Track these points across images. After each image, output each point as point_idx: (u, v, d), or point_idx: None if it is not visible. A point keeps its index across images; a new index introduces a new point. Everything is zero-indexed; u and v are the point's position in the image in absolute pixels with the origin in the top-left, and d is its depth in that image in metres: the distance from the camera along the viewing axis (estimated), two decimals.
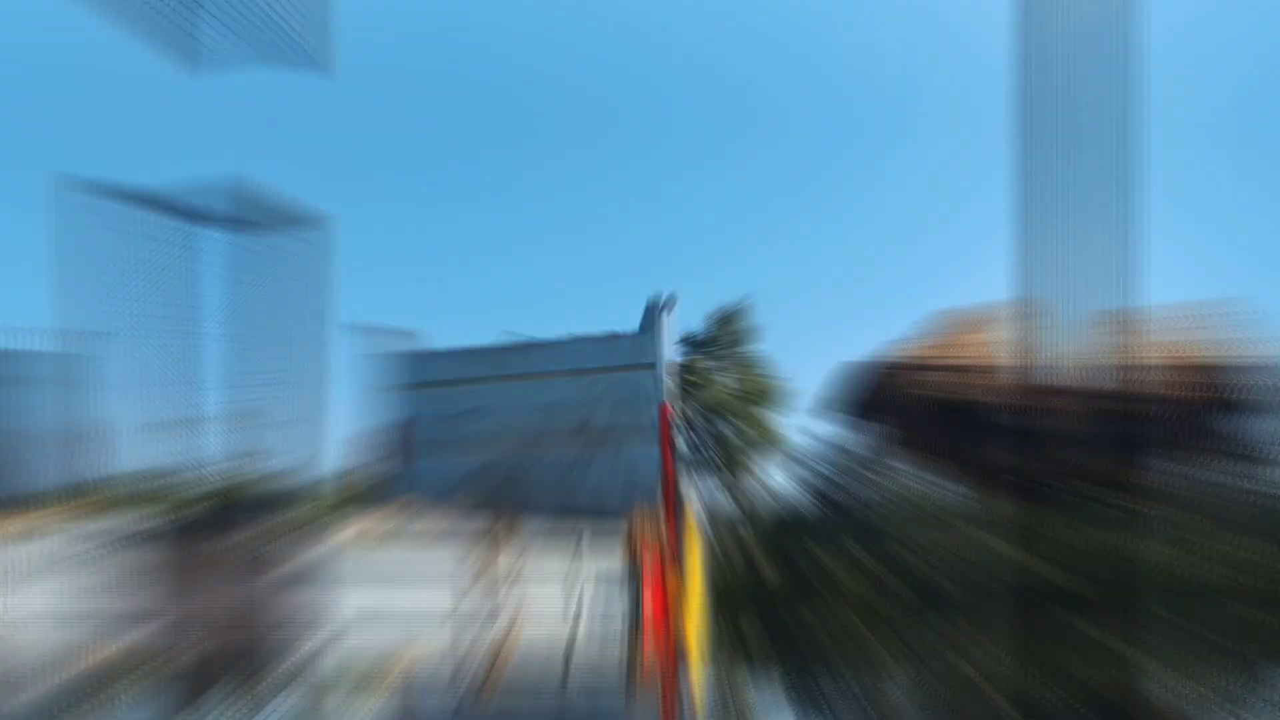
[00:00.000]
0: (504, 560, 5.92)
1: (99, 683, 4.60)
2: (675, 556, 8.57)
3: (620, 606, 7.69)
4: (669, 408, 9.30)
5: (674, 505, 8.96)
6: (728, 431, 35.05)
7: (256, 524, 4.57)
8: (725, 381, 33.92)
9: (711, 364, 34.19)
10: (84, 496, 5.27)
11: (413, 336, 9.98)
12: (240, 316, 5.02)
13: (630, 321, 10.27)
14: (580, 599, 7.14)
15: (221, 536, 4.72)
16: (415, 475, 9.53)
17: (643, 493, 8.97)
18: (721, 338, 34.74)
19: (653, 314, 9.73)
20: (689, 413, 10.20)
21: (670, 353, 10.04)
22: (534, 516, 7.14)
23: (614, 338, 9.69)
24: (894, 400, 6.36)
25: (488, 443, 9.44)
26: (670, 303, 9.66)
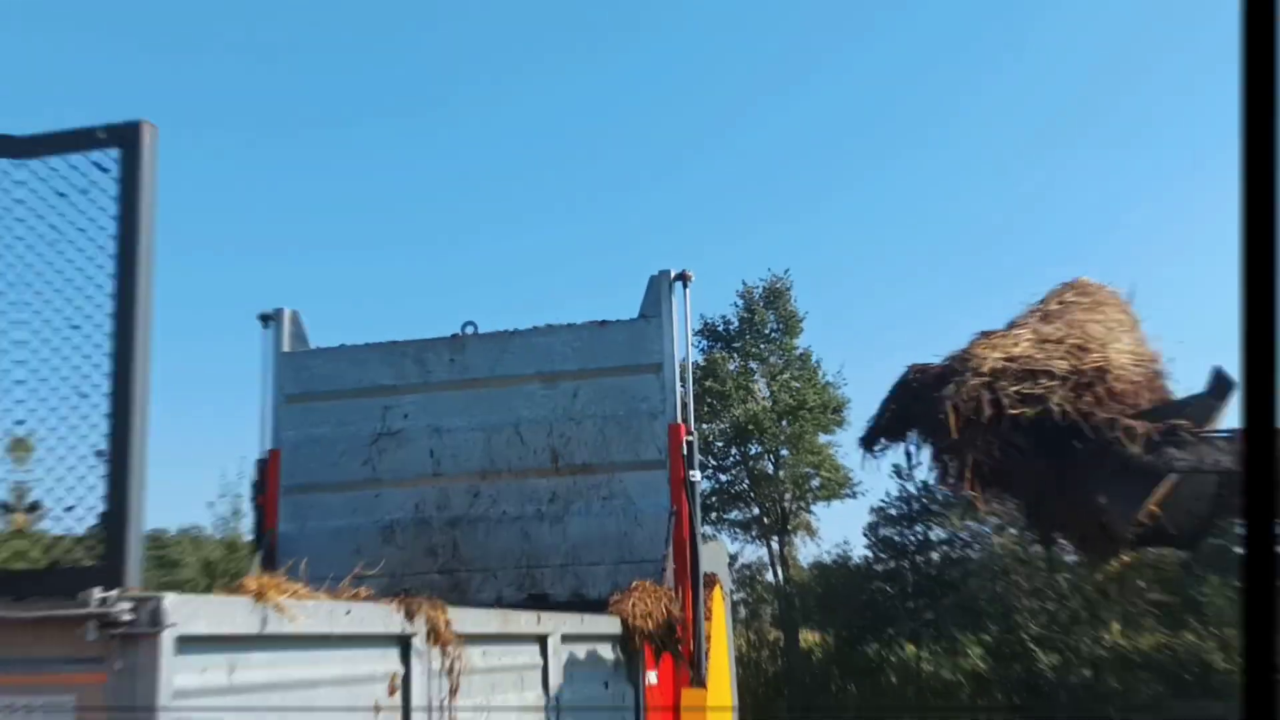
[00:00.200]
0: (424, 690, 4.60)
1: None
2: (694, 663, 7.50)
3: None
4: (683, 429, 7.93)
5: (692, 580, 7.62)
6: (767, 463, 34.29)
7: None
8: (761, 389, 33.08)
9: (741, 364, 33.35)
10: None
11: (290, 322, 8.61)
12: None
13: (627, 304, 8.89)
14: None
15: None
16: (286, 539, 8.22)
17: (645, 561, 7.62)
18: (756, 328, 33.99)
19: (659, 292, 8.30)
20: (712, 436, 8.76)
21: (685, 348, 8.65)
22: (476, 607, 5.84)
23: (602, 327, 8.26)
24: (972, 424, 5.42)
25: (404, 486, 8.16)
26: (684, 278, 8.35)
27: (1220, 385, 5.60)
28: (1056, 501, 6.01)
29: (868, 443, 6.09)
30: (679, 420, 7.97)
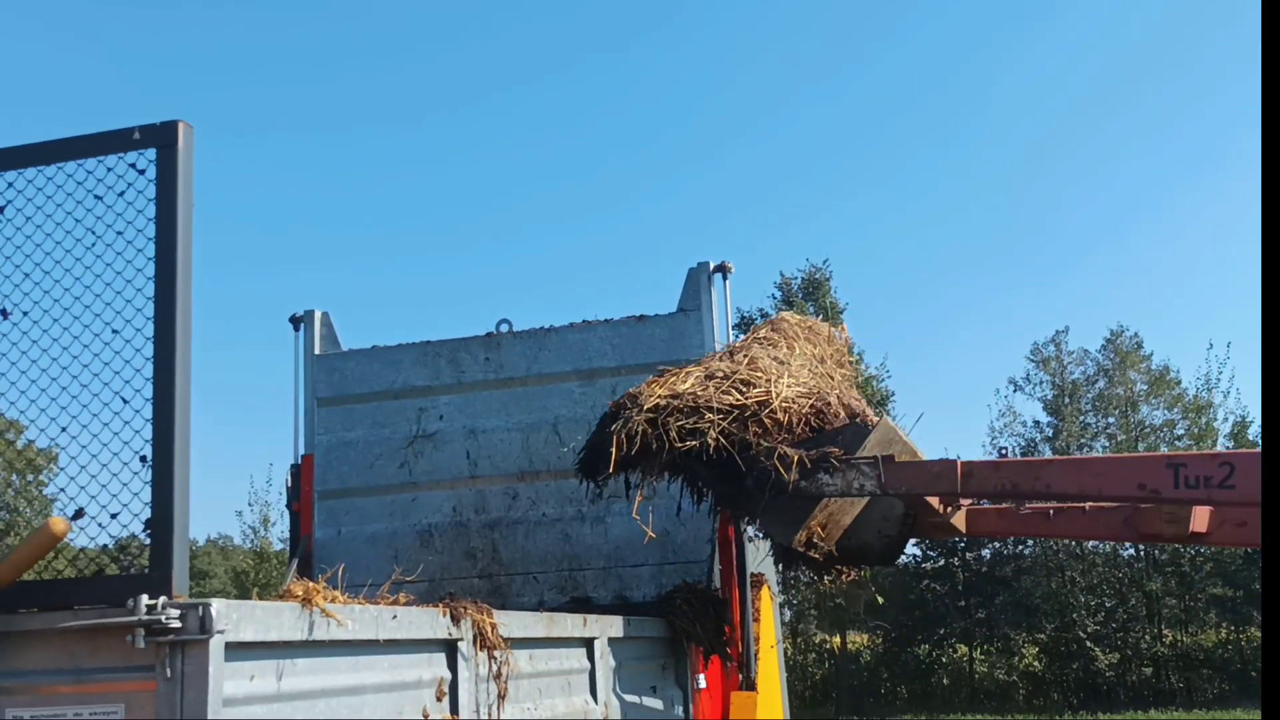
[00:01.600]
0: (471, 695, 4.64)
1: None
2: (744, 665, 7.51)
3: None
4: None
5: (739, 580, 7.62)
6: None
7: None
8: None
9: None
10: None
11: (321, 324, 8.65)
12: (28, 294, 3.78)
13: (665, 299, 8.90)
14: None
15: None
16: (322, 545, 8.27)
17: (690, 562, 7.62)
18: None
19: (698, 285, 8.30)
20: None
21: (726, 341, 8.66)
22: (518, 611, 5.87)
23: (641, 321, 8.26)
24: (648, 454, 6.22)
25: (441, 489, 8.19)
26: (724, 269, 8.34)
27: (858, 415, 6.41)
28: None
29: (587, 472, 6.59)
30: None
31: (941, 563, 34.45)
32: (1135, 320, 63.99)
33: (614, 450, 6.12)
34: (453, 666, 4.51)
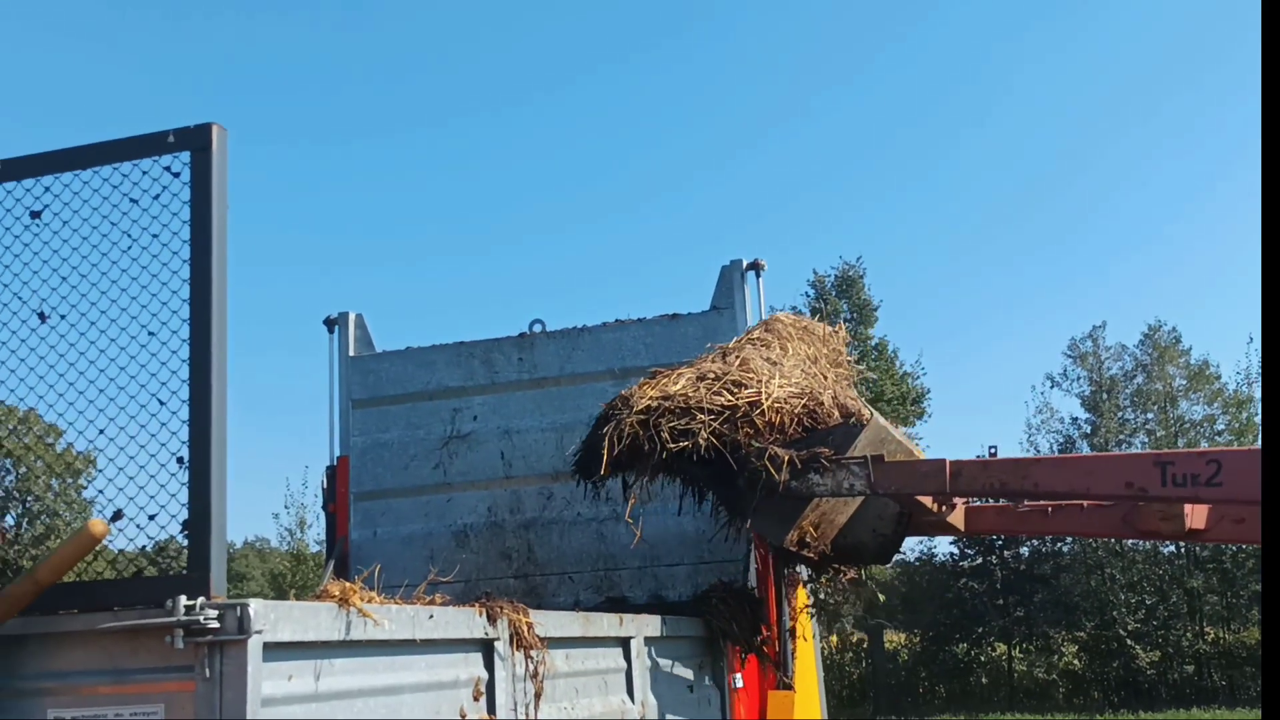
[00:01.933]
0: (508, 695, 4.64)
1: None
2: (781, 665, 7.47)
3: None
4: None
5: (775, 579, 7.59)
6: None
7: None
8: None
9: None
10: None
11: (355, 326, 8.68)
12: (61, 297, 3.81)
13: (698, 297, 8.88)
14: None
15: None
16: (358, 546, 8.30)
17: (726, 561, 7.61)
18: (828, 318, 33.83)
19: (730, 283, 8.28)
20: None
21: None
22: (555, 611, 5.87)
23: (674, 320, 8.26)
24: (640, 455, 6.27)
25: (476, 489, 8.21)
26: (757, 267, 8.33)
27: (853, 414, 6.38)
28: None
29: (582, 473, 6.57)
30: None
31: (979, 561, 34.28)
32: (1173, 314, 63.40)
33: (605, 452, 6.15)
34: (489, 666, 4.52)
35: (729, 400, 6.28)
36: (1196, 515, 6.40)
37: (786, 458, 6.05)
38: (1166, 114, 51.95)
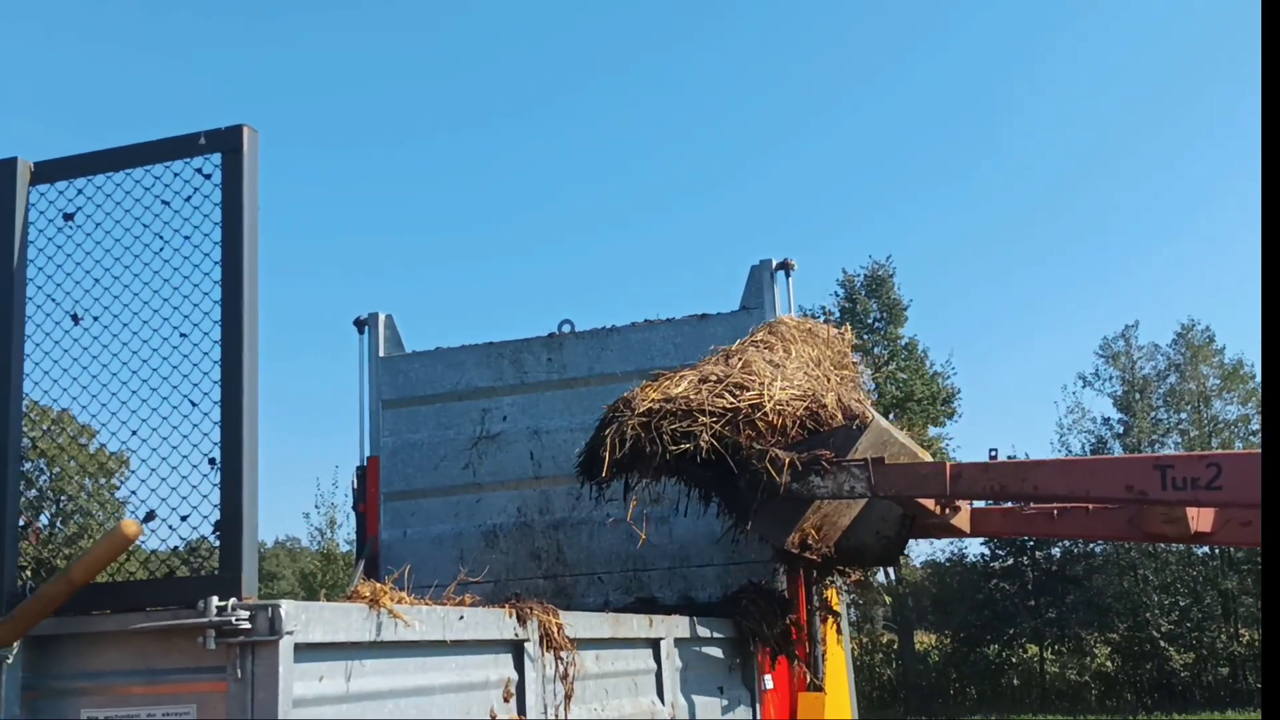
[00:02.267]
0: (539, 696, 4.63)
1: None
2: (811, 666, 7.45)
3: None
4: None
5: (806, 580, 7.56)
6: None
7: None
8: (865, 381, 32.72)
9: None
10: None
11: (385, 326, 8.70)
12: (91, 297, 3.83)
13: (727, 297, 8.87)
14: None
15: None
16: (388, 546, 8.32)
17: (756, 562, 7.59)
18: (858, 317, 33.64)
19: (760, 283, 8.26)
20: None
21: None
22: (584, 612, 5.87)
23: (703, 320, 8.24)
24: (641, 457, 6.27)
25: (505, 490, 8.20)
26: (786, 266, 8.30)
27: (857, 416, 6.37)
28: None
29: (586, 474, 6.55)
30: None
31: (1010, 562, 34.08)
32: (1207, 313, 62.87)
33: (607, 454, 6.17)
34: (519, 667, 4.52)
35: (731, 403, 6.27)
36: (1203, 518, 6.37)
37: (787, 460, 6.06)
38: (1200, 109, 51.55)
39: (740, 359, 6.77)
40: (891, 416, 31.60)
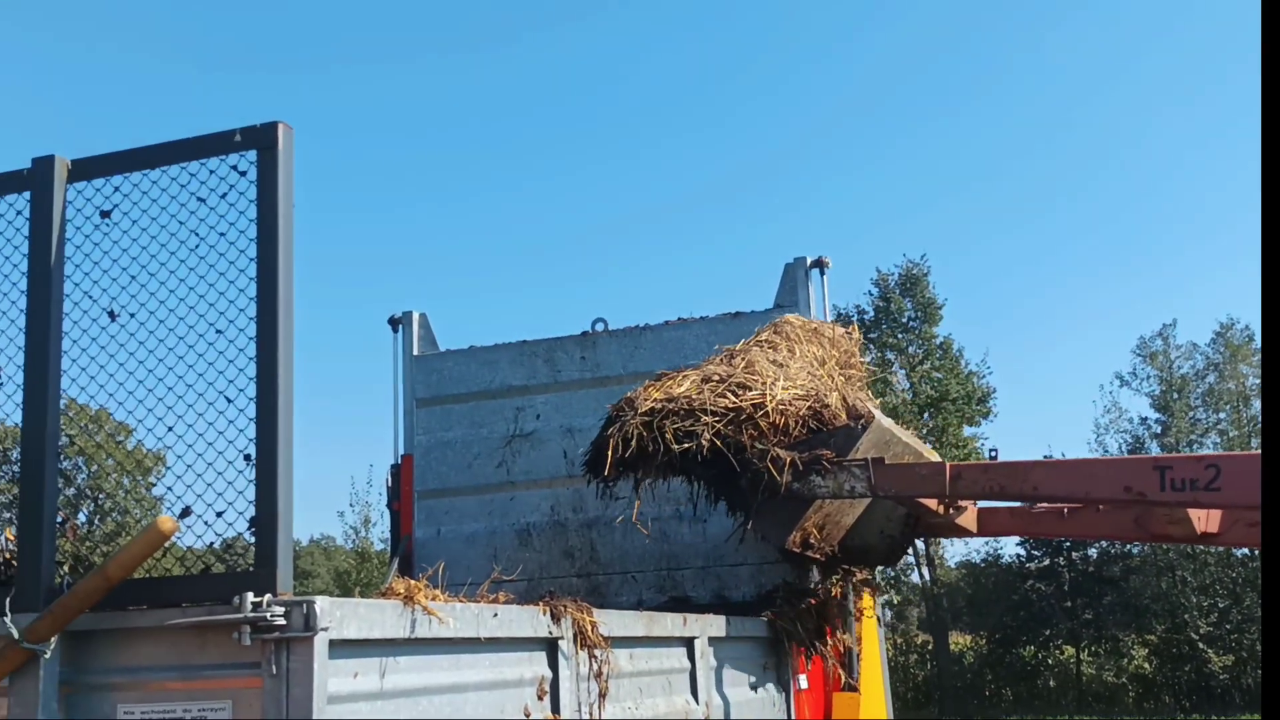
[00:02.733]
0: (573, 694, 4.62)
1: None
2: (846, 666, 7.40)
3: None
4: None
5: (841, 580, 7.53)
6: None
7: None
8: (900, 381, 32.66)
9: (878, 355, 32.93)
10: None
11: (419, 325, 8.73)
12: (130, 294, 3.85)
13: (761, 295, 8.85)
14: None
15: None
16: (422, 544, 8.34)
17: (789, 561, 7.54)
18: (892, 316, 33.50)
19: (794, 280, 8.24)
20: None
21: None
22: (618, 610, 5.86)
23: (737, 318, 8.22)
24: (646, 455, 6.30)
25: (539, 488, 8.23)
26: (821, 264, 8.26)
27: (862, 416, 6.37)
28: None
29: (593, 470, 6.54)
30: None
31: (1046, 562, 33.84)
32: (1246, 312, 62.11)
33: (610, 453, 6.20)
34: (553, 665, 4.50)
35: (733, 402, 6.29)
36: (1210, 519, 6.37)
37: (789, 459, 6.08)
38: (1240, 103, 50.95)
39: (744, 359, 6.77)
40: (926, 416, 31.48)
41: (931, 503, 6.55)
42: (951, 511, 6.74)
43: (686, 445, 6.09)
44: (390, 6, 72.57)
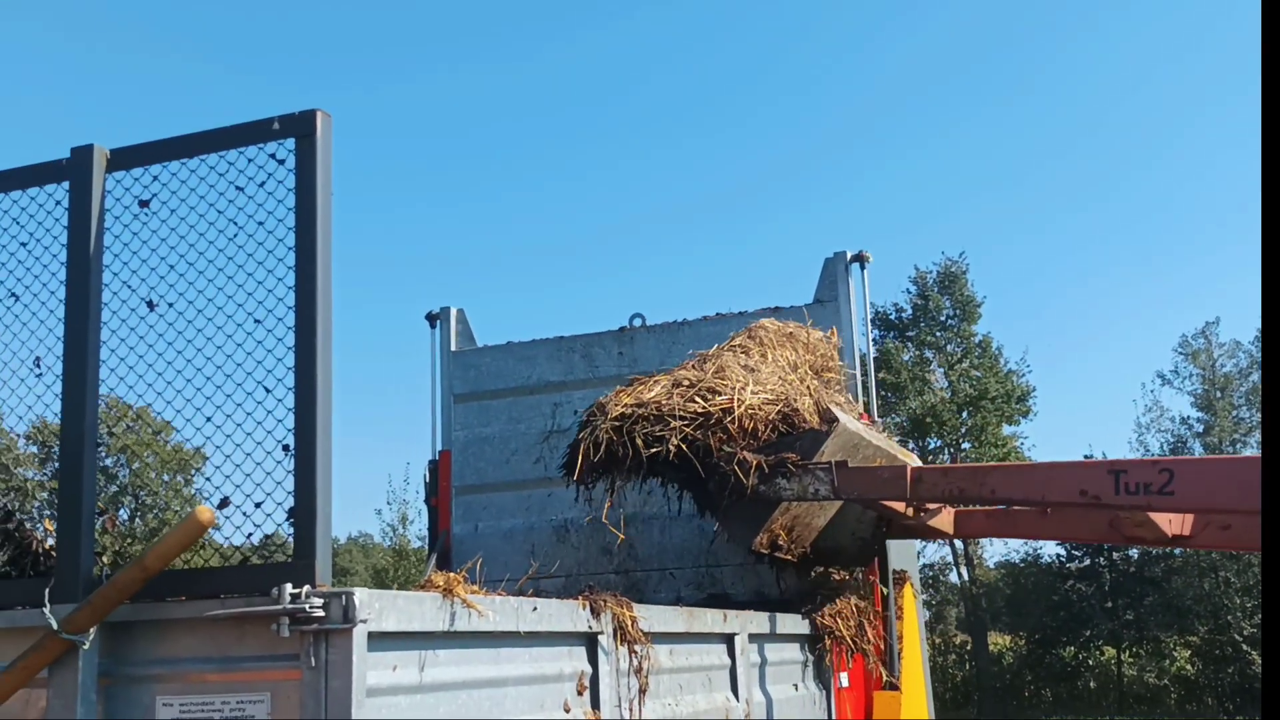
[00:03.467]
0: (613, 689, 4.58)
1: None
2: (887, 665, 7.32)
3: None
4: (865, 419, 7.77)
5: (881, 577, 7.43)
6: (947, 458, 33.55)
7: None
8: (938, 379, 32.43)
9: (916, 353, 32.67)
10: None
11: (457, 320, 8.73)
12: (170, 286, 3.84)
13: (801, 290, 8.78)
14: None
15: None
16: (460, 540, 8.32)
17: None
18: (930, 315, 33.23)
19: (834, 275, 8.17)
20: (886, 430, 8.70)
21: (865, 334, 8.49)
22: (658, 605, 5.81)
23: (776, 313, 8.15)
24: (615, 460, 6.40)
25: None
26: (861, 259, 8.19)
27: (826, 417, 6.48)
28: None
29: (567, 472, 6.55)
30: (860, 410, 7.79)
31: (1087, 563, 33.51)
32: None
33: (580, 458, 6.25)
34: (593, 660, 4.46)
35: (702, 407, 6.34)
36: (1183, 522, 6.38)
37: (754, 462, 6.14)
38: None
39: (716, 363, 6.82)
40: (965, 415, 31.24)
41: (899, 506, 6.62)
42: (922, 515, 6.78)
43: (655, 450, 6.15)
44: (426, 8, 72.91)
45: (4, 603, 3.64)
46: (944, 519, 7.00)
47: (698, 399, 6.39)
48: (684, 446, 6.16)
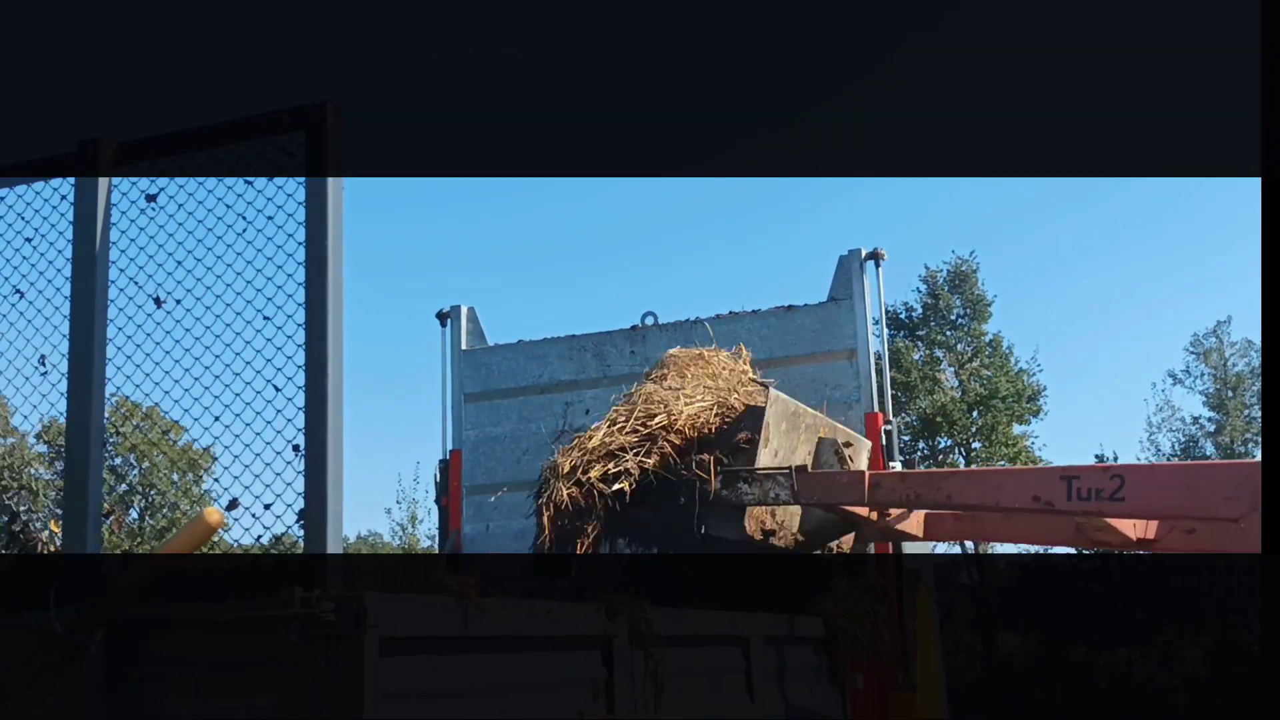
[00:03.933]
0: (628, 693, 4.51)
1: None
2: (902, 666, 7.25)
3: None
4: (880, 418, 7.71)
5: (896, 578, 7.37)
6: (958, 457, 33.39)
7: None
8: (949, 379, 32.31)
9: (926, 352, 32.57)
10: None
11: (468, 319, 8.68)
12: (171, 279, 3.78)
13: (815, 289, 8.71)
14: None
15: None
16: (470, 540, 8.26)
17: (843, 558, 7.40)
18: (941, 314, 33.10)
19: (849, 273, 8.08)
20: (896, 429, 8.69)
21: (880, 332, 8.42)
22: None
23: (789, 311, 8.08)
24: (581, 511, 6.46)
25: None
26: (876, 256, 8.11)
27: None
28: None
29: (548, 570, 6.57)
30: (875, 408, 7.72)
31: (1099, 561, 33.37)
32: None
33: (545, 522, 6.34)
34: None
35: (645, 431, 6.49)
36: (1146, 527, 6.39)
37: (710, 460, 6.30)
38: None
39: (641, 395, 6.96)
40: (975, 414, 31.13)
41: (862, 511, 6.70)
42: (882, 519, 6.85)
43: (618, 486, 6.23)
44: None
45: (9, 604, 3.57)
46: (913, 522, 7.04)
47: (638, 427, 6.54)
48: (645, 466, 6.29)
